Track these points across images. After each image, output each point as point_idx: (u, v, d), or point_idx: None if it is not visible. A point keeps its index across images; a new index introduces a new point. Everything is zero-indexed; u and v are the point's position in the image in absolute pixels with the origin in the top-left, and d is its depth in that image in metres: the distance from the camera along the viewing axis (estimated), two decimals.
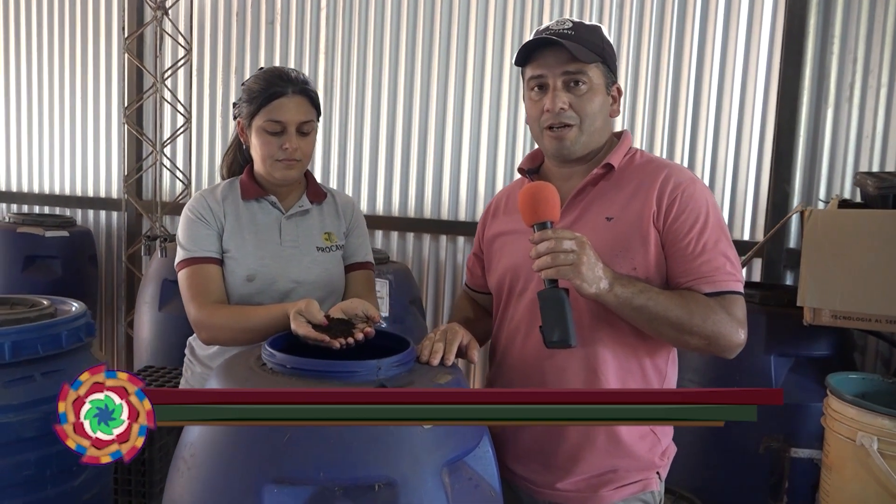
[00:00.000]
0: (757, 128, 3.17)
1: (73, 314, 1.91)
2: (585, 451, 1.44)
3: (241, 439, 1.12)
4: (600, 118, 1.46)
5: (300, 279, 1.70)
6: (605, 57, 1.44)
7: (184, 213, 1.72)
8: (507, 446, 1.54)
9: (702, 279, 1.36)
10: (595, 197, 1.47)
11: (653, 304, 1.32)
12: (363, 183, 3.77)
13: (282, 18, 3.84)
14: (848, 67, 3.02)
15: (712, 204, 1.42)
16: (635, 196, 1.43)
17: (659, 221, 1.40)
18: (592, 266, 1.27)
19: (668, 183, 1.41)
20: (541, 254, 1.26)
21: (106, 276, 4.28)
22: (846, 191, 3.04)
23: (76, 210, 4.32)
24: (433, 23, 3.59)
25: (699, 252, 1.37)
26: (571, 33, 1.42)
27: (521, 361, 1.51)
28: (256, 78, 1.70)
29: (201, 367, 1.76)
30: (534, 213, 1.30)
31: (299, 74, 1.70)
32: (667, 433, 1.50)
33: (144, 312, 3.05)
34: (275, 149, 1.65)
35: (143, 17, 4.05)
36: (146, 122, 4.11)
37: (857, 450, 1.85)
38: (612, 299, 1.31)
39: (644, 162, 1.49)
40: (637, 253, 1.40)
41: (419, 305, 3.14)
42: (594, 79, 1.43)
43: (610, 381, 1.42)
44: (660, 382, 1.47)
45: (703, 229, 1.38)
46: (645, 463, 1.45)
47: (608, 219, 1.43)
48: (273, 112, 1.64)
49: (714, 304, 1.34)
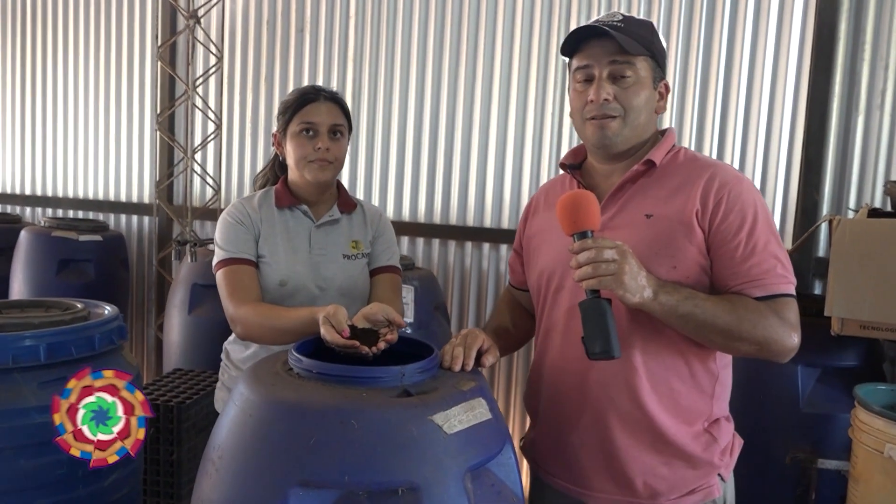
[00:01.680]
0: (786, 134, 3.14)
1: (105, 317, 1.96)
2: (632, 454, 1.42)
3: (267, 442, 1.14)
4: (645, 112, 1.44)
5: (325, 285, 1.79)
6: (653, 51, 1.42)
7: (222, 217, 1.82)
8: (549, 451, 1.55)
9: (752, 283, 1.33)
10: (635, 193, 1.44)
11: (699, 312, 1.29)
12: (389, 189, 3.80)
13: (311, 27, 3.90)
14: (879, 74, 2.98)
15: (761, 203, 1.38)
16: (677, 193, 1.39)
17: (704, 221, 1.36)
18: (635, 275, 1.24)
19: (714, 181, 1.37)
20: (581, 264, 1.24)
21: (137, 280, 4.36)
22: (877, 199, 3.00)
23: (108, 214, 4.40)
24: (460, 30, 3.61)
25: (748, 254, 1.33)
26: (621, 25, 1.40)
27: (561, 360, 1.50)
28: (289, 94, 1.84)
29: (235, 370, 1.83)
30: (573, 222, 1.28)
31: (329, 87, 1.84)
32: (725, 430, 1.46)
33: (174, 316, 3.10)
34: (308, 150, 1.75)
35: (175, 25, 4.13)
36: (178, 128, 4.19)
37: (885, 462, 1.82)
38: (657, 308, 1.28)
39: (688, 160, 1.46)
40: (677, 251, 1.36)
41: (444, 312, 3.16)
42: (641, 72, 1.41)
43: (654, 385, 1.39)
44: (711, 385, 1.43)
45: (753, 230, 1.34)
46: (701, 464, 1.41)
47: (648, 216, 1.40)
48: (306, 115, 1.76)
49: (765, 308, 1.31)
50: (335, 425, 1.12)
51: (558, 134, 3.48)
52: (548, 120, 3.50)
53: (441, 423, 1.17)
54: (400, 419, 1.14)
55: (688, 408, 1.42)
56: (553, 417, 1.53)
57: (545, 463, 1.58)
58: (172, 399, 2.49)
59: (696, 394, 1.42)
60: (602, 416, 1.43)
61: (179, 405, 2.46)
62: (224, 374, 1.90)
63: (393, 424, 1.14)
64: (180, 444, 2.46)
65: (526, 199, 3.55)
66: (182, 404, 2.47)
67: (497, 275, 3.64)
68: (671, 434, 1.40)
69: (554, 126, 3.49)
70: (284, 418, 1.16)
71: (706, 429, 1.43)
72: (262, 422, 1.17)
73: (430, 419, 1.16)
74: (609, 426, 1.42)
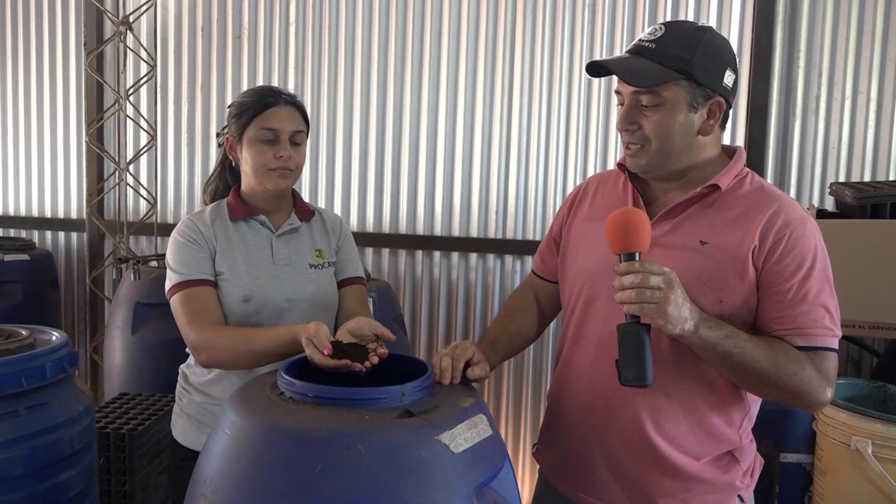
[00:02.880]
0: (727, 139, 3.23)
1: (55, 344, 1.84)
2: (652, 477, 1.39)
3: (269, 472, 1.08)
4: (679, 138, 1.33)
5: (295, 297, 1.69)
6: (690, 71, 1.29)
7: (173, 238, 1.69)
8: (565, 460, 1.52)
9: (796, 331, 1.28)
10: (692, 215, 1.36)
11: (739, 352, 1.24)
12: (336, 198, 3.72)
13: (249, 33, 3.78)
14: (814, 80, 3.12)
15: (821, 248, 1.32)
16: (737, 224, 1.32)
17: (759, 259, 1.30)
18: (679, 306, 1.19)
19: (777, 219, 1.30)
20: (625, 287, 1.19)
21: (67, 300, 4.12)
22: (815, 199, 3.13)
23: (32, 231, 4.15)
24: (405, 34, 3.57)
25: (798, 301, 1.28)
26: (653, 47, 1.31)
27: (591, 371, 1.45)
28: (244, 94, 1.72)
29: (200, 395, 1.71)
30: (622, 242, 1.21)
31: (287, 90, 1.73)
32: (746, 453, 1.43)
33: (116, 337, 2.94)
34: (269, 158, 1.65)
35: (103, 32, 3.93)
36: (109, 139, 3.99)
37: (852, 454, 1.89)
38: (696, 342, 1.24)
39: (754, 189, 1.36)
40: (727, 285, 1.30)
41: (401, 322, 3.11)
42: (669, 98, 1.31)
43: (683, 414, 1.36)
44: (741, 418, 1.41)
45: (808, 277, 1.28)
46: (722, 488, 1.39)
47: (702, 242, 1.33)
48: (266, 121, 1.65)
49: (805, 359, 1.26)
50: (340, 451, 1.07)
51: (507, 138, 3.49)
52: (496, 126, 3.50)
53: (448, 443, 1.14)
54: (407, 441, 1.11)
55: (715, 440, 1.39)
56: (575, 426, 1.49)
57: (562, 472, 1.54)
58: (123, 426, 2.35)
59: (725, 427, 1.39)
60: (626, 437, 1.40)
61: (131, 432, 2.32)
62: (183, 400, 1.76)
63: (400, 447, 1.10)
64: (133, 473, 2.33)
65: (476, 205, 3.54)
66: (134, 431, 2.33)
67: (449, 283, 3.61)
68: (690, 466, 1.38)
69: (503, 130, 3.49)
70: (286, 446, 1.10)
71: (730, 451, 1.41)
72: (260, 451, 1.11)
73: (436, 439, 1.13)
74: (632, 447, 1.40)
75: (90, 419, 1.89)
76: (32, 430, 1.67)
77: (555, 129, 3.43)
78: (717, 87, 1.33)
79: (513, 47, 3.45)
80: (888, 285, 2.18)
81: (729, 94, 1.36)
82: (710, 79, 1.32)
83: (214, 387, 1.68)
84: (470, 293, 3.59)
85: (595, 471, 1.46)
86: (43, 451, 1.68)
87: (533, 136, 3.45)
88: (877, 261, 2.17)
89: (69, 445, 1.76)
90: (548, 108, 3.43)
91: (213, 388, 1.68)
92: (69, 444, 1.76)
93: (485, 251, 3.54)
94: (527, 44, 3.43)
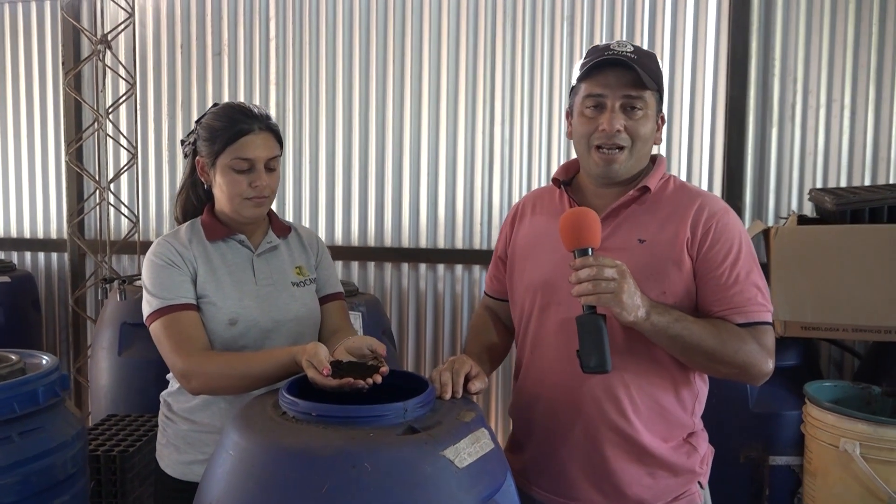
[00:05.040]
0: (707, 147, 3.30)
1: (46, 368, 1.82)
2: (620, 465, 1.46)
3: (275, 493, 1.08)
4: (649, 143, 1.49)
5: (280, 317, 1.64)
6: (660, 85, 1.47)
7: (149, 261, 1.61)
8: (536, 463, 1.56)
9: (734, 310, 1.39)
10: (628, 217, 1.48)
11: (688, 334, 1.34)
12: (320, 213, 3.72)
13: (229, 49, 3.78)
14: (789, 88, 3.19)
15: (744, 234, 1.45)
16: (669, 221, 1.45)
17: (693, 249, 1.42)
18: (632, 294, 1.28)
19: (703, 211, 1.44)
20: (581, 280, 1.27)
21: (48, 321, 4.07)
22: (794, 205, 3.20)
23: (11, 252, 4.10)
24: (386, 49, 3.59)
25: (732, 282, 1.39)
26: (634, 57, 1.43)
27: (553, 374, 1.51)
28: (216, 115, 1.63)
29: (186, 423, 1.64)
30: (576, 239, 1.31)
31: (261, 109, 1.65)
32: (702, 440, 1.53)
33: (102, 359, 2.91)
34: (244, 187, 1.59)
35: (81, 50, 3.91)
36: (89, 158, 3.95)
37: (840, 455, 1.93)
38: (649, 327, 1.33)
39: (677, 188, 1.52)
40: (667, 277, 1.42)
41: (390, 336, 3.12)
42: (649, 104, 1.45)
43: (642, 401, 1.45)
44: (692, 402, 1.50)
45: (737, 259, 1.40)
46: (683, 473, 1.48)
47: (641, 241, 1.44)
48: (241, 150, 1.58)
49: (745, 334, 1.37)
50: (347, 470, 1.08)
51: (490, 149, 3.52)
52: (479, 139, 3.52)
53: (452, 458, 1.15)
54: (412, 457, 1.11)
55: (672, 423, 1.48)
56: (543, 430, 1.55)
57: (531, 475, 1.59)
58: (114, 448, 2.33)
59: (679, 410, 1.49)
60: (592, 429, 1.47)
61: (122, 454, 2.30)
62: (168, 430, 1.68)
63: (406, 464, 1.10)
64: (125, 496, 2.30)
65: (460, 217, 3.56)
66: (125, 453, 2.31)
67: (435, 295, 3.63)
68: (656, 447, 1.46)
69: (486, 142, 3.52)
70: (292, 466, 1.10)
71: (686, 439, 1.50)
72: (266, 472, 1.11)
73: (441, 455, 1.14)
74: (599, 439, 1.47)
75: (83, 443, 1.87)
76: (26, 456, 1.65)
77: (537, 139, 3.46)
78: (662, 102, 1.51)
79: (493, 60, 3.49)
80: (869, 289, 2.23)
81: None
82: (662, 95, 1.50)
83: (200, 413, 1.62)
84: (456, 304, 3.61)
85: (567, 471, 1.51)
86: (36, 477, 1.66)
87: (515, 146, 3.49)
88: (857, 265, 2.23)
89: (62, 470, 1.74)
90: (529, 118, 3.47)
91: (199, 415, 1.62)
92: (62, 468, 1.74)
93: (470, 262, 3.56)
94: (507, 56, 3.47)
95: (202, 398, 1.61)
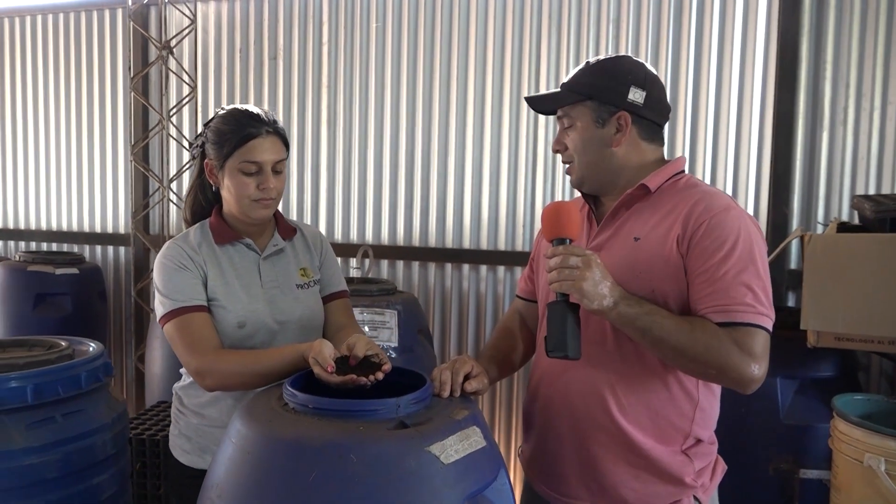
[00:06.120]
0: (754, 153, 3.22)
1: (91, 354, 1.96)
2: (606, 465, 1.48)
3: (267, 479, 1.15)
4: (594, 152, 1.50)
5: (284, 319, 1.70)
6: (592, 93, 1.48)
7: (160, 263, 1.67)
8: (535, 459, 1.61)
9: (714, 307, 1.34)
10: (629, 217, 1.50)
11: (657, 328, 1.32)
12: (368, 214, 3.82)
13: (284, 54, 3.92)
14: (841, 91, 3.08)
15: (745, 233, 1.37)
16: (666, 218, 1.43)
17: (683, 245, 1.39)
18: (596, 283, 1.30)
19: (699, 207, 1.40)
20: (552, 268, 1.33)
21: (114, 312, 4.32)
22: (844, 212, 3.09)
23: (83, 246, 4.37)
24: (433, 53, 3.66)
25: (717, 279, 1.34)
26: (567, 79, 1.54)
27: (550, 370, 1.57)
28: (224, 119, 1.67)
29: (196, 417, 1.72)
30: (553, 229, 1.37)
31: (268, 113, 1.69)
32: (704, 452, 1.49)
33: (156, 348, 3.08)
34: (251, 189, 1.64)
35: (147, 55, 4.13)
36: (153, 158, 4.18)
37: (865, 471, 1.88)
38: (615, 317, 1.34)
39: (685, 186, 1.48)
40: (656, 275, 1.40)
41: (427, 335, 3.17)
42: (578, 117, 1.50)
43: (630, 401, 1.45)
44: (691, 409, 1.47)
45: (727, 257, 1.34)
46: (672, 481, 1.46)
47: (636, 239, 1.45)
48: (249, 153, 1.62)
49: (723, 334, 1.31)
50: (334, 460, 1.13)
51: (533, 154, 3.54)
52: (522, 141, 3.55)
53: (438, 454, 1.19)
54: (397, 451, 1.16)
55: (664, 427, 1.46)
56: (541, 425, 1.60)
57: (532, 470, 1.64)
58: (158, 433, 2.47)
59: (674, 415, 1.46)
60: (580, 426, 1.50)
61: (166, 439, 2.43)
62: (180, 422, 1.77)
63: (391, 457, 1.15)
64: (167, 477, 2.44)
65: (504, 219, 3.60)
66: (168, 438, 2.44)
67: (477, 295, 3.67)
68: (644, 449, 1.45)
69: (529, 147, 3.55)
70: (283, 455, 1.17)
71: (683, 450, 1.47)
72: (260, 459, 1.18)
73: (426, 450, 1.18)
74: (586, 436, 1.49)
75: (123, 425, 2.00)
76: (68, 436, 1.78)
77: None
78: (621, 103, 1.47)
79: (538, 62, 3.51)
80: None
81: (639, 109, 1.49)
82: (612, 97, 1.48)
83: (210, 408, 1.70)
84: (498, 305, 3.64)
85: (559, 467, 1.54)
86: (77, 456, 1.79)
87: None
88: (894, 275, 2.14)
89: (102, 450, 1.87)
90: None
91: (208, 410, 1.70)
92: (102, 448, 1.87)
93: (512, 264, 3.59)
94: (552, 58, 3.48)
95: (212, 395, 1.68)
